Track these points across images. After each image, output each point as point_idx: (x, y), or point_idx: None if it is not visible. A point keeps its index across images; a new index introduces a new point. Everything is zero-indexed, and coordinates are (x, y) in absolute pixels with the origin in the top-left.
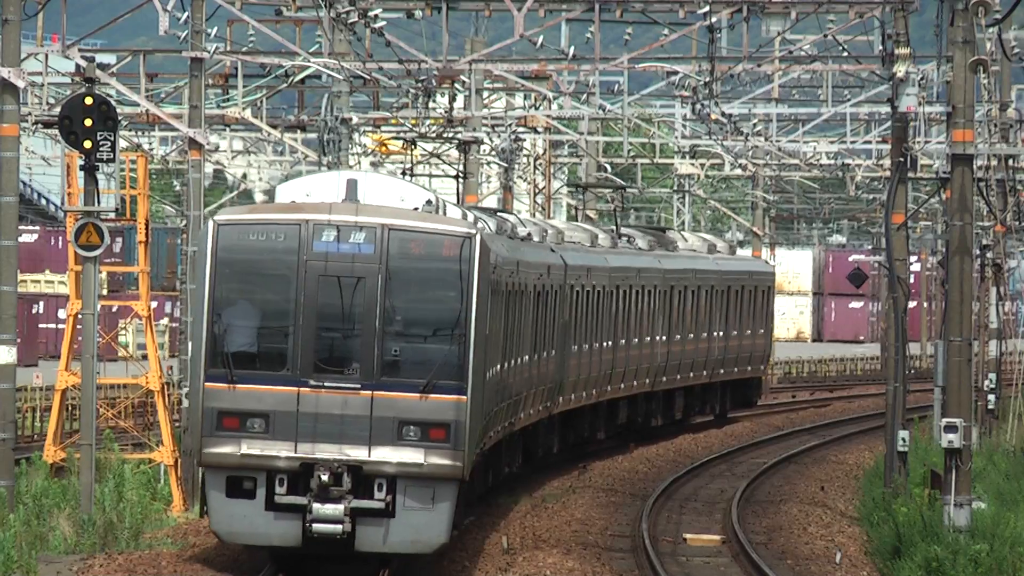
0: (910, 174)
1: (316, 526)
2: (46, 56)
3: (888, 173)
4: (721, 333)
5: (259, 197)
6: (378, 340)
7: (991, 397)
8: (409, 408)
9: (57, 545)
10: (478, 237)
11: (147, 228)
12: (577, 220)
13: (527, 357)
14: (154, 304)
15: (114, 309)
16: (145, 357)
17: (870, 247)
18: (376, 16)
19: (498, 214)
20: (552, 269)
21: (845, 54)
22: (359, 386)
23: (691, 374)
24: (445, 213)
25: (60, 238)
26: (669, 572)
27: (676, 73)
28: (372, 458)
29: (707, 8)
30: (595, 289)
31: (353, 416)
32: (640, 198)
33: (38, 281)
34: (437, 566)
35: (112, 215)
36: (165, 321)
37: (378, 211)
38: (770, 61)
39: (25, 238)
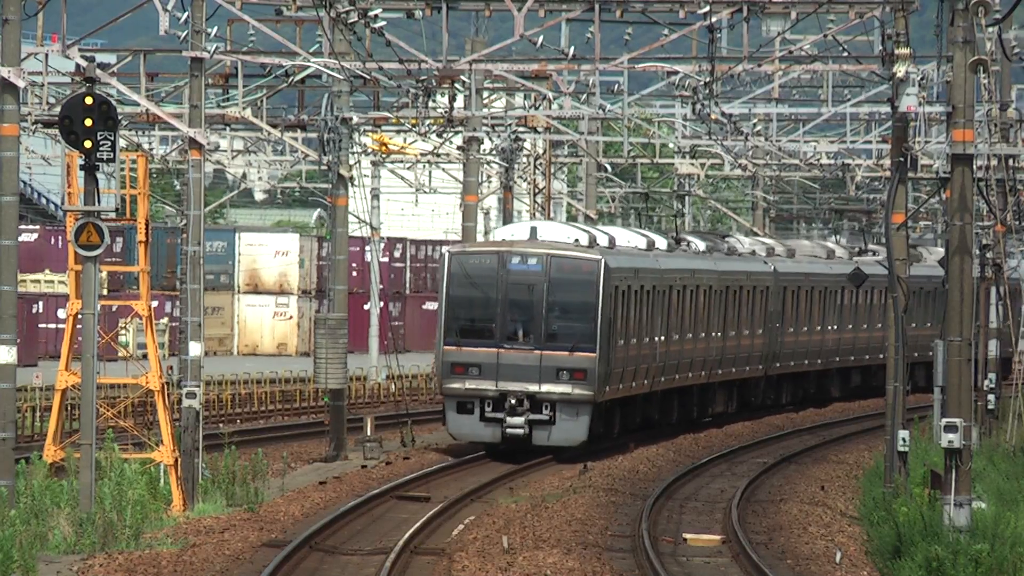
0: (910, 174)
1: (508, 430)
2: (46, 56)
3: (888, 173)
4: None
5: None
6: (544, 321)
7: (991, 397)
8: (562, 360)
9: (57, 545)
10: (603, 261)
11: (147, 228)
12: (577, 220)
13: (718, 333)
14: (154, 304)
15: (114, 309)
16: (145, 357)
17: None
18: (376, 16)
19: (725, 238)
20: (753, 275)
21: (845, 54)
22: (533, 348)
23: (915, 354)
24: (612, 244)
25: (60, 238)
26: (669, 572)
27: (676, 73)
28: (541, 390)
29: (707, 8)
30: (815, 289)
31: (530, 366)
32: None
33: (38, 281)
34: (439, 566)
35: (112, 215)
36: (165, 321)
37: (546, 245)
38: (770, 61)
39: (25, 238)
